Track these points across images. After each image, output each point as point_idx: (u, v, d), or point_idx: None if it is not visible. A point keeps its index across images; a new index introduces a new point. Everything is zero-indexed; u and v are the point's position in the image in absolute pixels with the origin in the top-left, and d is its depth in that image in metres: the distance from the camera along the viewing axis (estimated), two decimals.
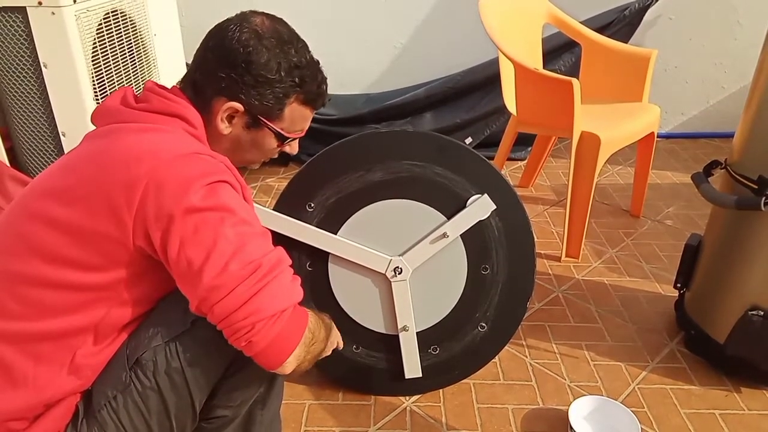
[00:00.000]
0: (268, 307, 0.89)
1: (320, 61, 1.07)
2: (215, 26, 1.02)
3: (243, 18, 1.00)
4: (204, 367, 0.99)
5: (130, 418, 0.97)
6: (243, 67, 0.98)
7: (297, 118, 1.06)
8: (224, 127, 1.02)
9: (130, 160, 0.90)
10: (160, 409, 0.98)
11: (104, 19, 1.95)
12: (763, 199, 1.37)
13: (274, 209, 1.40)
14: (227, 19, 1.02)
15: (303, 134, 1.11)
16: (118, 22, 2.02)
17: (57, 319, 0.92)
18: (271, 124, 1.04)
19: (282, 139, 1.07)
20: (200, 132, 1.01)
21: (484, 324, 1.47)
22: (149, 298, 1.00)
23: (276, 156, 1.14)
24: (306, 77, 1.02)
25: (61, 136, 1.99)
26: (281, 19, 1.05)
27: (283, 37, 1.00)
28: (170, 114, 0.98)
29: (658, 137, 2.34)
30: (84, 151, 0.97)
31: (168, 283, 0.98)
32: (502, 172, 1.44)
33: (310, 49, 1.06)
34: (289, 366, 0.93)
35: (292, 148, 1.14)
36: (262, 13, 1.03)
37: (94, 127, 1.02)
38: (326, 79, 1.08)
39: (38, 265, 0.91)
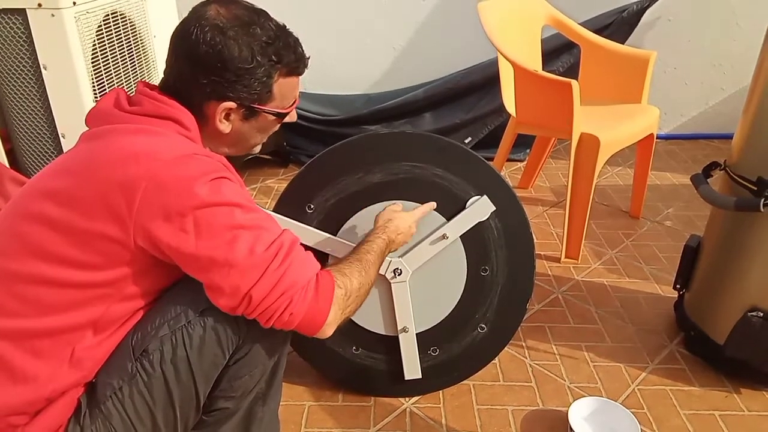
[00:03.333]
0: (299, 279, 0.95)
1: (297, 38, 1.05)
2: (176, 31, 1.00)
3: (199, 16, 0.98)
4: (209, 357, 1.00)
5: (135, 409, 0.98)
6: (219, 67, 0.97)
7: (286, 91, 1.06)
8: (225, 127, 1.03)
9: (126, 161, 0.90)
10: (165, 399, 0.99)
11: (104, 20, 1.96)
12: (762, 200, 1.37)
13: (274, 210, 1.40)
14: (183, 20, 1.00)
15: (298, 101, 1.11)
16: (118, 23, 2.03)
17: (56, 316, 0.93)
18: (266, 108, 1.04)
19: (280, 116, 1.08)
20: (194, 134, 1.02)
21: (483, 325, 1.47)
22: (149, 293, 1.00)
23: (277, 128, 1.14)
24: (281, 50, 1.01)
25: (61, 138, 2.00)
26: (235, 0, 1.02)
27: (243, 20, 0.98)
28: (163, 117, 0.99)
29: (657, 138, 2.34)
30: (80, 152, 0.98)
31: (168, 277, 0.99)
32: (502, 174, 1.44)
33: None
34: (329, 328, 0.99)
35: (291, 116, 1.13)
36: (214, 2, 0.99)
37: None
38: (298, 40, 1.05)
39: (36, 264, 0.91)
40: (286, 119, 1.12)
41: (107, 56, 1.99)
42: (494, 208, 1.37)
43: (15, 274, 0.92)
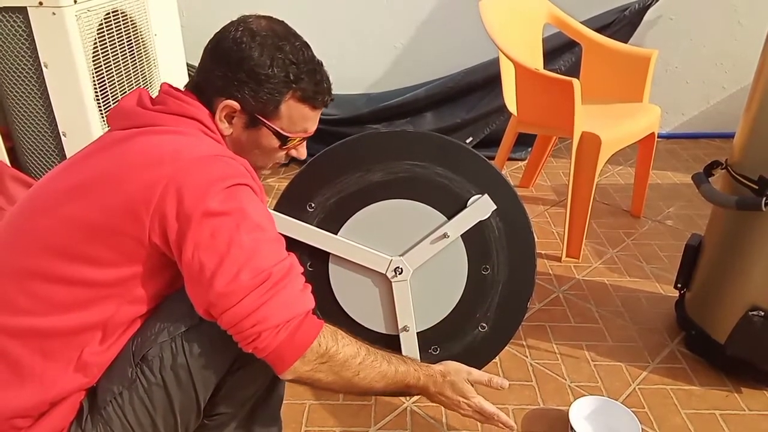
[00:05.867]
0: (275, 316, 0.91)
1: (323, 62, 1.07)
2: (218, 30, 1.03)
3: (241, 20, 1.02)
4: (209, 364, 0.99)
5: (136, 415, 0.97)
6: (236, 64, 0.98)
7: (296, 116, 1.05)
8: (225, 128, 1.03)
9: (151, 162, 0.91)
10: (165, 405, 0.99)
11: (105, 19, 1.96)
12: (764, 199, 1.37)
13: (274, 209, 1.40)
14: (229, 22, 1.03)
15: (307, 135, 1.10)
16: (119, 22, 2.03)
17: (67, 315, 0.92)
18: (268, 122, 1.03)
19: (282, 138, 1.06)
20: (217, 135, 1.02)
21: (484, 324, 1.47)
22: (159, 296, 1.00)
23: (285, 161, 1.13)
24: (301, 74, 1.01)
25: (62, 136, 2.00)
26: (282, 21, 1.05)
27: (278, 34, 1.01)
28: (187, 116, 0.99)
29: (658, 137, 2.34)
30: (101, 150, 0.98)
31: (178, 281, 0.99)
32: (503, 172, 1.44)
33: (312, 49, 1.06)
34: (288, 375, 0.94)
35: (299, 152, 1.13)
36: (262, 16, 1.03)
37: (103, 129, 1.03)
38: (328, 78, 1.06)
39: (50, 260, 0.91)
40: (293, 153, 1.12)
41: (108, 54, 1.99)
42: (495, 207, 1.37)
43: (29, 270, 0.92)
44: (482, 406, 1.13)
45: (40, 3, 1.79)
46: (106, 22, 1.96)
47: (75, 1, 1.83)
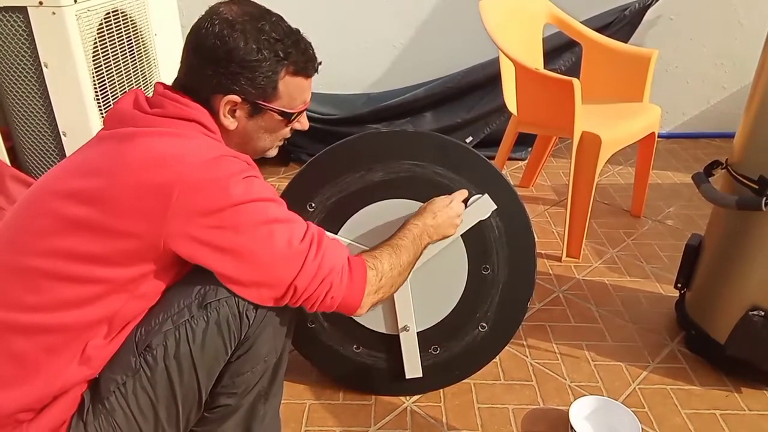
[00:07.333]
0: (336, 264, 1.02)
1: (310, 42, 1.07)
2: (191, 28, 1.03)
3: (212, 12, 1.01)
4: (211, 352, 1.00)
5: (138, 404, 0.98)
6: (225, 58, 0.98)
7: (294, 90, 1.06)
8: (230, 123, 1.04)
9: (153, 165, 0.91)
10: (168, 394, 1.00)
11: (105, 18, 1.96)
12: (764, 199, 1.37)
13: None
14: (199, 18, 1.02)
15: (307, 106, 1.12)
16: (119, 21, 2.03)
17: (74, 311, 0.93)
18: (271, 105, 1.05)
19: (287, 116, 1.08)
20: (218, 135, 1.03)
21: (484, 324, 1.47)
22: (166, 290, 1.01)
23: (290, 136, 1.15)
24: (288, 48, 1.02)
25: (62, 136, 2.00)
26: (249, 0, 1.04)
27: (253, 15, 1.01)
28: (187, 119, 0.99)
29: (658, 137, 2.34)
30: (103, 152, 0.98)
31: (183, 274, 1.01)
32: (503, 172, 1.45)
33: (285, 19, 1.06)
34: (364, 307, 1.07)
35: (302, 123, 1.15)
36: (229, 1, 1.03)
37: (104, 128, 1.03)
38: (310, 44, 1.07)
39: (56, 260, 0.92)
40: (297, 126, 1.14)
41: (108, 54, 1.99)
42: (495, 207, 1.37)
43: (34, 269, 0.92)
44: (457, 199, 1.31)
45: (40, 3, 1.79)
46: (106, 22, 1.96)
47: (75, 1, 1.83)
